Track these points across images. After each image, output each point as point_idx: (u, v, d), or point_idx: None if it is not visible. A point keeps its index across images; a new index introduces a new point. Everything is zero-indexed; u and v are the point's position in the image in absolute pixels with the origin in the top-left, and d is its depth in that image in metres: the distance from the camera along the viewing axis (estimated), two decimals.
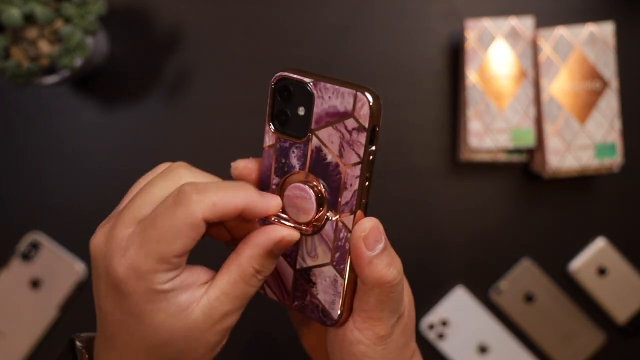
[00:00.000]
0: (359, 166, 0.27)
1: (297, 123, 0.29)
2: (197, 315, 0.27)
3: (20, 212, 0.65)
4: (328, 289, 0.30)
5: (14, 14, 0.51)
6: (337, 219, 0.29)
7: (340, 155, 0.28)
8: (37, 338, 0.64)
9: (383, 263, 0.28)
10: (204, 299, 0.27)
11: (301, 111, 0.29)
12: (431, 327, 0.63)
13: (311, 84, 0.28)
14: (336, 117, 0.28)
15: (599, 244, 0.63)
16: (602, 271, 0.63)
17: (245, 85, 0.65)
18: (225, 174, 0.34)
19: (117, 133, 0.65)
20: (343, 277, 0.29)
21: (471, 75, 0.61)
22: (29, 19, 0.52)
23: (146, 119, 0.65)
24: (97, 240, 0.28)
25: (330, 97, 0.28)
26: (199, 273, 0.28)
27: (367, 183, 0.28)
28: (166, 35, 0.65)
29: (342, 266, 0.29)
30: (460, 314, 0.63)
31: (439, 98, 0.64)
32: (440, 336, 0.64)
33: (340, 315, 0.30)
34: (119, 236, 0.27)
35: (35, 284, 0.63)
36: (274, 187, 0.30)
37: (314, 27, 0.65)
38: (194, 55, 0.65)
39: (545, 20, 0.63)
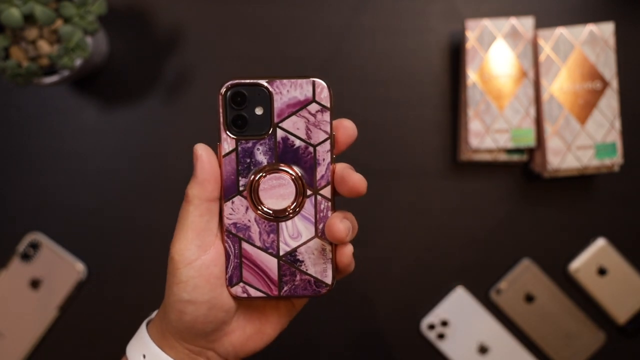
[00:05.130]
0: (328, 141, 0.31)
1: (257, 122, 0.31)
2: None
3: (20, 212, 0.65)
4: (318, 260, 0.32)
5: (14, 14, 0.51)
6: (315, 193, 0.32)
7: (309, 137, 0.31)
8: (37, 338, 0.64)
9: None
10: None
11: (259, 110, 0.31)
12: (431, 327, 0.63)
13: (266, 83, 0.31)
14: (298, 106, 0.31)
15: (599, 244, 0.63)
16: (602, 271, 0.63)
17: None
18: None
19: (117, 133, 0.65)
20: (331, 244, 0.32)
21: (471, 75, 0.61)
22: (29, 19, 0.52)
23: (146, 119, 0.65)
24: None
25: (288, 91, 0.31)
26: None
27: (334, 155, 0.32)
28: (166, 35, 0.65)
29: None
30: (460, 314, 0.63)
31: (439, 98, 0.64)
32: (441, 336, 0.64)
33: (334, 277, 0.33)
34: None
35: (35, 284, 0.63)
36: (241, 188, 0.32)
37: (314, 27, 0.65)
38: (194, 55, 0.65)
39: (545, 20, 0.63)
